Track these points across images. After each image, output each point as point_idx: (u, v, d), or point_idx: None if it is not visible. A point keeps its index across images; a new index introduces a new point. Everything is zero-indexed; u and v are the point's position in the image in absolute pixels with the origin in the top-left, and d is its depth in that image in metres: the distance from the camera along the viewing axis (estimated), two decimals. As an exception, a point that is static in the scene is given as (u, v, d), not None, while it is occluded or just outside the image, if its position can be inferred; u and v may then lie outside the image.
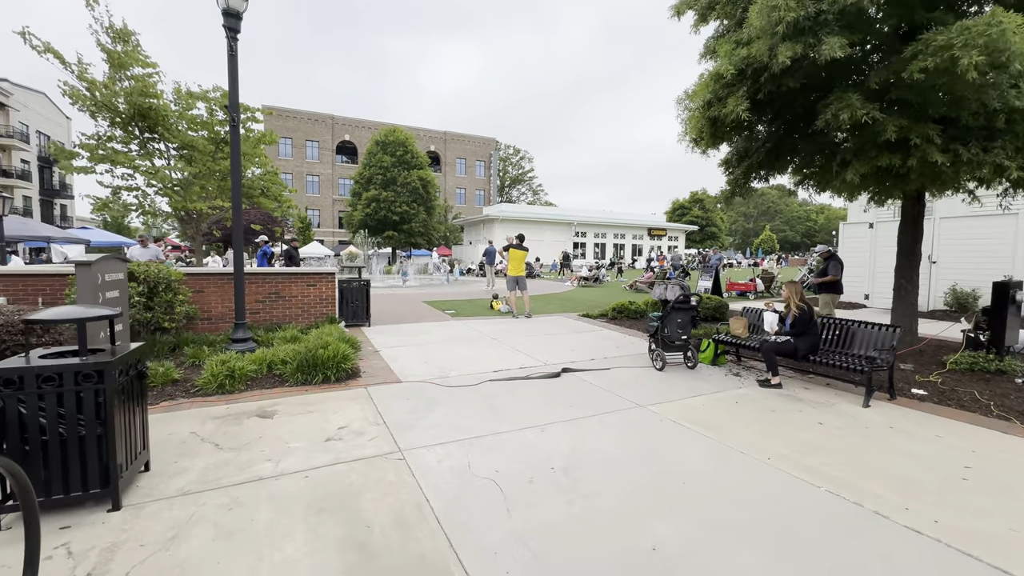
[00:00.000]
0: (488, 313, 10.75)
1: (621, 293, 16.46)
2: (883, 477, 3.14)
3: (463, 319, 9.76)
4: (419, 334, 8.01)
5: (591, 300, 13.81)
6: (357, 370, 5.58)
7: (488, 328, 8.70)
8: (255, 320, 7.66)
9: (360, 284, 8.46)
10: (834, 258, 7.63)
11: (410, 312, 10.58)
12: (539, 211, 43.73)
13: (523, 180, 77.78)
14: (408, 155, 35.47)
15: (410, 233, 35.75)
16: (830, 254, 7.75)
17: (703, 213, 51.92)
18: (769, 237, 59.81)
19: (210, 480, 3.00)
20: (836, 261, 7.56)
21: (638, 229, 44.16)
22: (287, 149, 54.23)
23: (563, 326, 9.18)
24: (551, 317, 10.35)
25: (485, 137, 64.40)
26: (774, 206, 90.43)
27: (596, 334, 8.35)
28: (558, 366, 5.94)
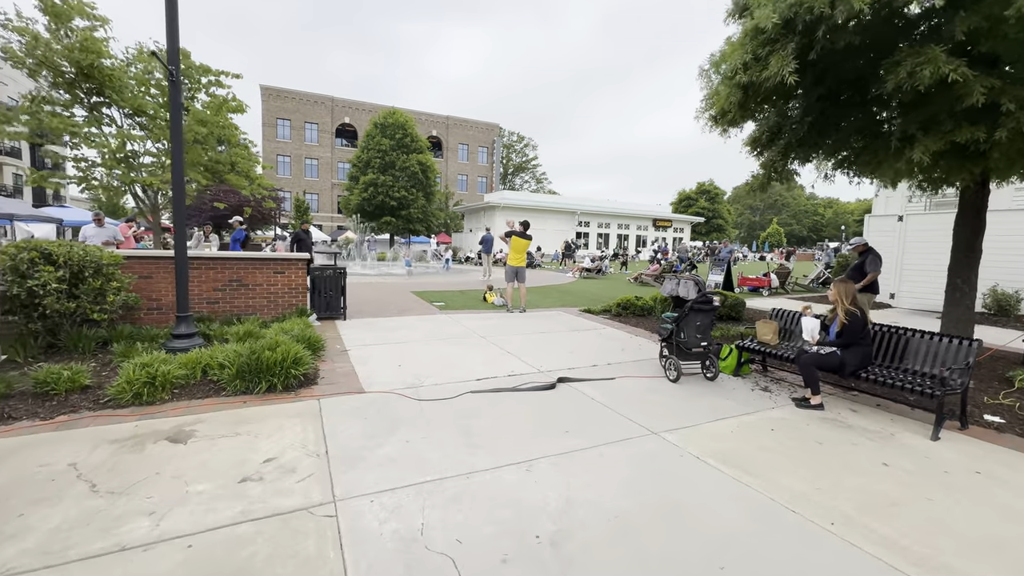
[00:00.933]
0: (480, 306, 9.85)
1: (625, 286, 15.53)
2: (997, 556, 2.25)
3: (452, 313, 8.86)
4: (399, 330, 7.12)
5: (593, 293, 12.90)
6: (314, 375, 4.70)
7: (478, 324, 7.80)
8: (214, 311, 6.77)
9: (335, 272, 7.55)
10: (872, 252, 6.67)
11: (394, 303, 9.68)
12: (542, 199, 42.62)
13: (527, 168, 76.44)
14: (408, 138, 34.31)
15: (408, 219, 34.72)
16: (866, 248, 6.79)
17: (710, 205, 50.69)
18: (776, 231, 58.62)
19: (52, 551, 2.12)
20: (875, 256, 6.59)
21: (643, 220, 43.06)
22: (285, 131, 53.02)
23: (562, 323, 8.28)
24: (549, 312, 9.45)
25: (488, 123, 62.98)
26: (781, 199, 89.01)
27: (598, 333, 7.45)
28: (553, 374, 5.05)
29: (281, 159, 53.00)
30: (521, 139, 75.01)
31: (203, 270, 6.73)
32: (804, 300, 12.36)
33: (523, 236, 9.26)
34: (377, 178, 33.19)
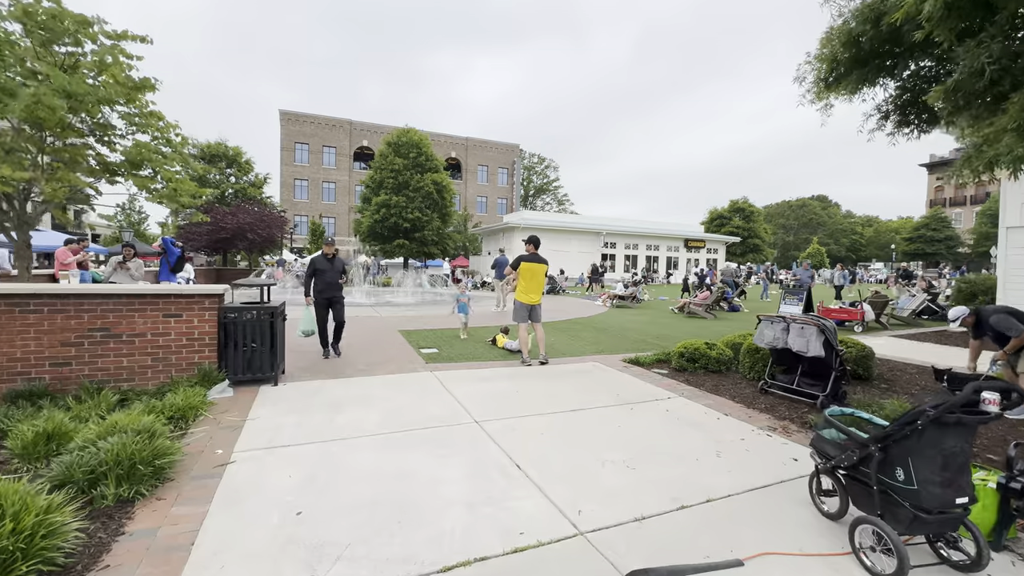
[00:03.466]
0: (487, 353, 7.22)
1: (670, 318, 12.68)
2: None
3: (442, 367, 6.24)
4: (348, 408, 4.52)
5: (635, 330, 10.12)
6: (69, 566, 2.12)
7: (475, 392, 5.15)
8: (60, 380, 4.34)
9: (261, 315, 5.04)
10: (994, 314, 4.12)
11: (366, 351, 7.12)
12: (564, 219, 40.19)
13: (548, 189, 74.62)
14: (422, 157, 32.56)
15: (423, 242, 32.68)
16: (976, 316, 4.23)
17: (744, 223, 47.26)
18: (817, 250, 54.51)
19: None
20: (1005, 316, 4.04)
21: (674, 240, 40.06)
22: (303, 155, 52.56)
23: (603, 386, 5.56)
24: (582, 364, 6.75)
25: (508, 143, 61.57)
26: (816, 218, 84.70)
27: (664, 411, 4.70)
28: (609, 544, 2.35)
29: (299, 183, 52.42)
30: (542, 160, 73.48)
31: (47, 314, 4.33)
32: (912, 337, 9.32)
33: (535, 259, 6.67)
34: (390, 199, 31.38)
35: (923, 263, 55.64)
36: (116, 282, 7.35)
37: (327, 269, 6.33)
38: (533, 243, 6.70)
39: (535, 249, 6.70)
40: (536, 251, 6.70)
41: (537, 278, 6.65)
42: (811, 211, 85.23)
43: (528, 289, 6.67)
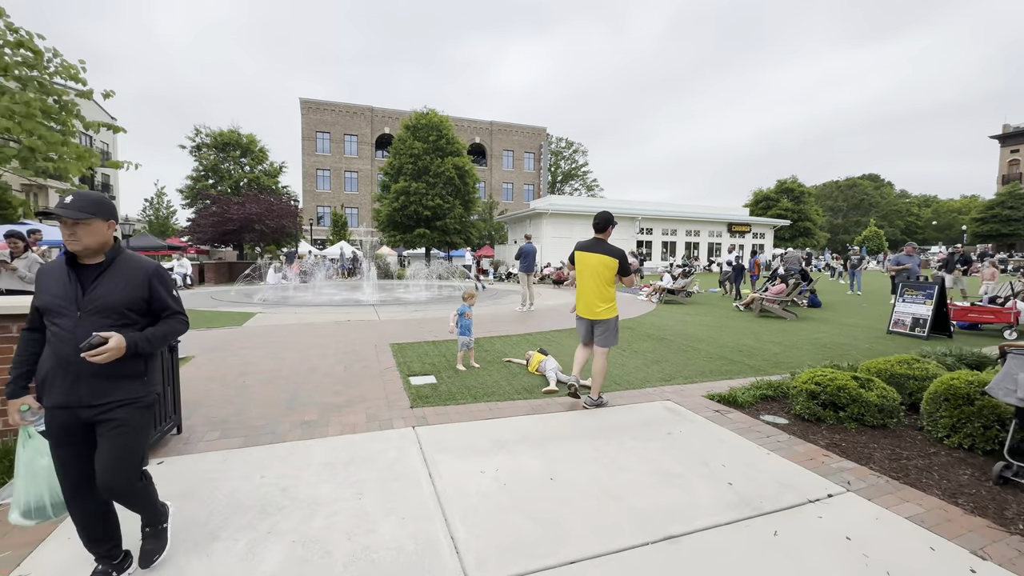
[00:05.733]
0: (505, 386, 5.01)
1: (739, 319, 10.14)
2: None
3: (433, 416, 4.07)
4: (228, 529, 2.40)
5: (703, 338, 7.69)
6: None
7: (475, 478, 2.97)
8: None
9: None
10: None
11: (328, 383, 5.02)
12: (596, 203, 37.39)
13: (576, 175, 71.42)
14: (443, 140, 30.36)
15: (444, 230, 30.65)
16: None
17: (794, 205, 43.16)
18: (875, 233, 49.61)
19: None
20: None
21: (716, 225, 36.70)
22: (325, 144, 51.32)
23: (695, 457, 3.27)
24: (647, 405, 4.44)
25: (534, 127, 58.78)
26: (868, 199, 78.34)
27: (835, 532, 2.37)
28: None
29: (320, 173, 51.30)
30: (570, 145, 70.24)
31: None
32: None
33: (590, 247, 4.35)
34: (409, 185, 29.41)
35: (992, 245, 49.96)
36: (1, 287, 5.49)
37: (64, 312, 1.85)
38: (596, 226, 4.40)
39: (600, 233, 4.36)
40: (601, 236, 4.36)
41: (589, 277, 4.34)
42: (862, 191, 78.97)
43: (579, 293, 4.41)
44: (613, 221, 4.37)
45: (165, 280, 2.06)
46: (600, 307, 4.28)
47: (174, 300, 2.08)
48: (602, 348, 4.30)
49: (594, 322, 4.32)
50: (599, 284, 4.28)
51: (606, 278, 4.28)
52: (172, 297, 2.08)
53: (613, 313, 4.26)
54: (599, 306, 4.28)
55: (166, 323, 2.05)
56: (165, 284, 2.05)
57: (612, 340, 4.29)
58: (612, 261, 4.26)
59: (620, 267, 4.25)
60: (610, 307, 4.26)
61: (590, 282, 4.31)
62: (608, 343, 4.29)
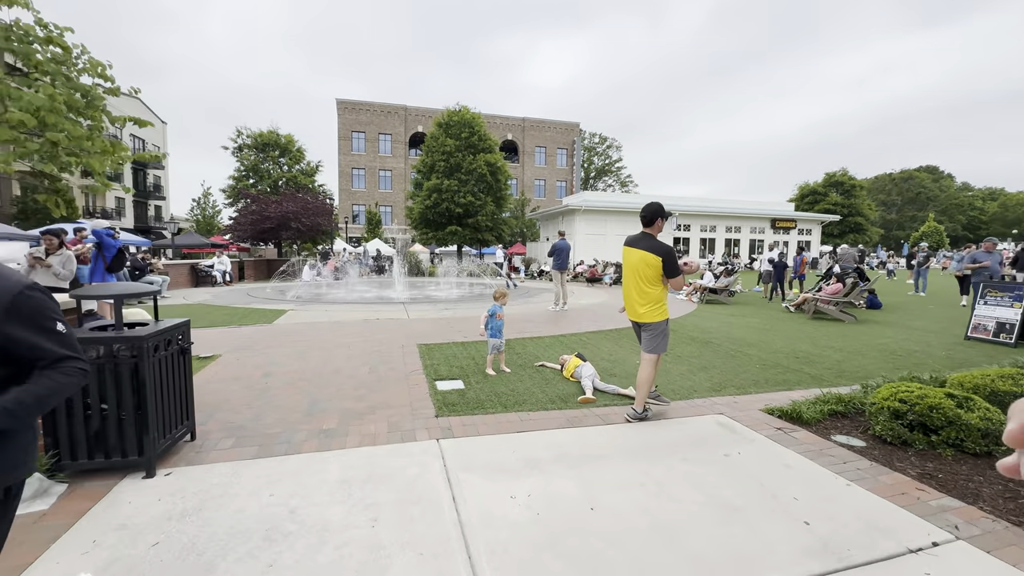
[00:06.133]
0: (538, 393, 4.64)
1: (791, 321, 9.40)
2: None
3: (460, 427, 3.75)
4: (235, 552, 2.13)
5: (753, 342, 7.08)
6: None
7: (505, 503, 2.62)
8: None
9: (117, 352, 2.73)
10: None
11: (351, 387, 4.78)
12: (631, 200, 36.39)
13: (610, 171, 70.06)
14: (475, 137, 30.19)
15: (476, 228, 30.52)
16: None
17: (844, 199, 40.71)
18: (934, 229, 46.25)
19: None
20: None
21: (758, 220, 35.04)
22: (360, 144, 52.18)
23: (761, 487, 2.80)
24: (698, 419, 3.98)
25: (567, 122, 57.94)
26: (925, 192, 73.34)
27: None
28: None
29: (356, 172, 52.23)
30: (603, 140, 68.97)
31: None
32: None
33: (633, 243, 3.94)
34: (441, 183, 29.42)
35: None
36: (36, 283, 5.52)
37: None
38: (644, 219, 3.94)
39: (648, 227, 3.91)
40: (649, 230, 3.91)
41: (631, 275, 3.92)
42: (918, 184, 74.06)
43: (623, 292, 4.02)
44: (663, 213, 3.90)
45: (34, 310, 1.25)
46: (642, 308, 3.85)
47: (56, 340, 1.28)
48: (648, 354, 3.86)
49: (640, 325, 3.91)
50: (640, 283, 3.86)
51: (647, 277, 3.83)
52: (52, 335, 1.28)
53: (659, 316, 3.81)
54: (641, 307, 3.85)
55: (44, 378, 1.25)
56: (33, 317, 1.25)
57: (659, 346, 3.84)
58: (654, 259, 3.81)
59: (665, 266, 3.79)
60: (655, 309, 3.81)
61: (631, 280, 3.91)
62: (654, 349, 3.84)
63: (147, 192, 48.04)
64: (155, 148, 49.90)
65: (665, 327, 3.84)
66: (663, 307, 3.82)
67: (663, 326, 3.83)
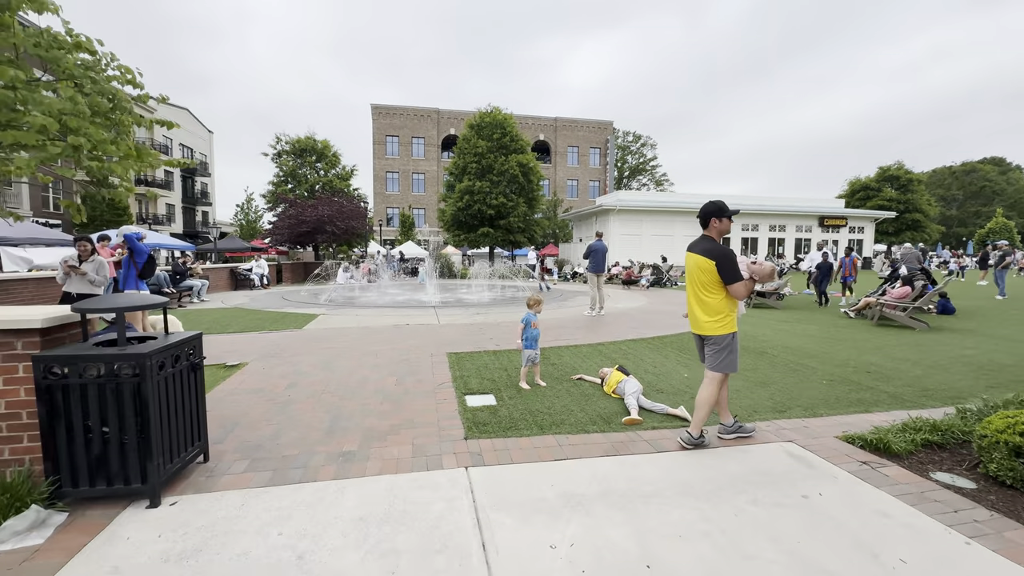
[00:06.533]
0: (578, 411, 4.23)
1: (852, 328, 8.58)
2: None
3: (492, 453, 3.37)
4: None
5: (814, 353, 6.40)
6: None
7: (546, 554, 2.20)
8: None
9: (118, 371, 2.50)
10: None
11: (375, 401, 4.50)
12: (667, 198, 35.31)
13: (644, 170, 68.46)
14: (507, 138, 29.92)
15: (508, 229, 30.22)
16: None
17: (900, 194, 38.09)
18: (1003, 225, 42.61)
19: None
20: None
21: (804, 218, 33.23)
22: (394, 148, 52.98)
23: (850, 539, 2.30)
24: (761, 448, 3.46)
25: (600, 121, 56.97)
26: (991, 185, 68.05)
27: None
28: None
29: (390, 176, 53.04)
30: (637, 139, 67.47)
31: None
32: None
33: (693, 247, 3.47)
34: (473, 184, 29.30)
35: None
36: (72, 291, 5.53)
37: None
38: (700, 220, 3.52)
39: (705, 229, 3.50)
40: (707, 232, 3.47)
41: (688, 282, 3.50)
42: (982, 177, 68.87)
43: (686, 300, 3.55)
44: (720, 213, 3.43)
45: None
46: (702, 319, 3.40)
47: None
48: (711, 372, 3.39)
49: (702, 338, 3.45)
50: (697, 290, 3.41)
51: (704, 283, 3.37)
52: None
53: (723, 328, 3.33)
54: (701, 317, 3.40)
55: None
56: None
57: (725, 363, 3.35)
58: (706, 263, 3.35)
59: (719, 271, 3.31)
60: (717, 321, 3.34)
61: (689, 288, 3.48)
62: (719, 366, 3.36)
63: (195, 198, 50.40)
64: (202, 156, 52.42)
65: (731, 342, 3.35)
66: (728, 318, 3.34)
67: (728, 340, 3.34)
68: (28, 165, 3.70)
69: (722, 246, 3.35)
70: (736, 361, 3.38)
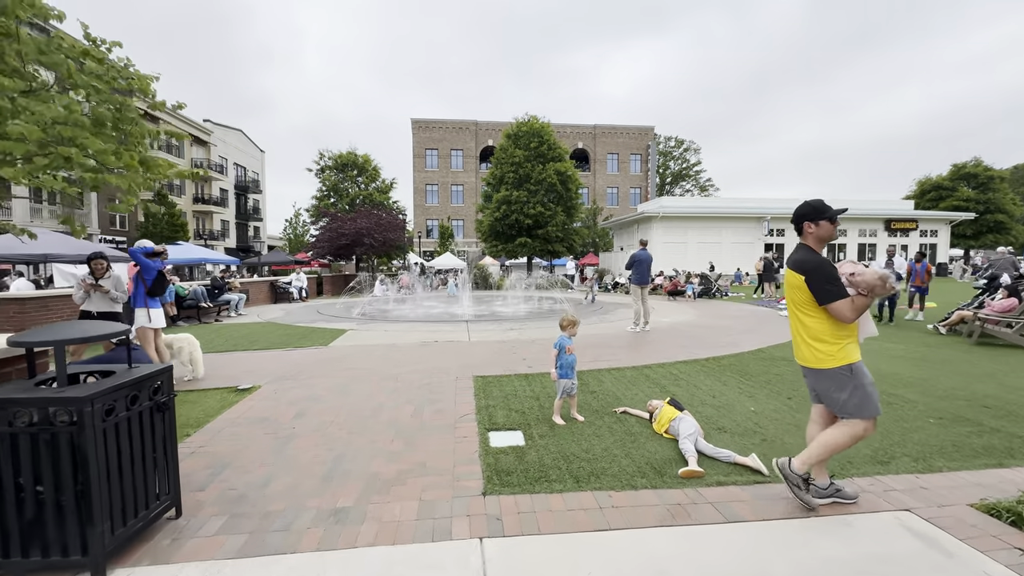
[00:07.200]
0: (622, 457, 3.54)
1: (941, 344, 7.34)
2: None
3: (516, 518, 2.72)
4: None
5: (914, 382, 5.35)
6: None
7: None
8: None
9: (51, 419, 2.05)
10: None
11: (385, 438, 3.96)
12: (714, 204, 33.61)
13: (687, 175, 66.20)
14: (544, 147, 29.44)
15: (546, 239, 29.58)
16: None
17: (978, 194, 34.57)
18: (1104, 226, 37.74)
19: None
20: None
21: (868, 222, 30.64)
22: (433, 160, 53.72)
23: None
24: (862, 517, 2.63)
25: (640, 127, 55.62)
26: (1083, 182, 61.09)
27: None
28: None
29: (429, 188, 53.75)
30: (680, 143, 65.42)
31: None
32: None
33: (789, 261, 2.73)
34: (510, 194, 28.93)
35: None
36: (92, 310, 5.35)
37: None
38: (793, 223, 2.80)
39: (803, 236, 2.75)
40: (805, 240, 2.73)
41: (787, 301, 2.78)
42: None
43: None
44: (815, 215, 2.69)
45: None
46: (803, 346, 2.69)
47: None
48: (844, 419, 2.60)
49: (808, 371, 2.72)
50: (795, 312, 2.72)
51: (799, 303, 2.67)
52: None
53: (832, 359, 2.56)
54: (801, 344, 2.70)
55: None
56: None
57: (858, 406, 2.53)
58: (796, 278, 2.63)
59: (810, 287, 2.56)
60: (822, 349, 2.59)
61: (788, 309, 2.78)
62: (853, 411, 2.54)
63: (247, 214, 52.88)
64: (255, 175, 55.08)
65: (849, 377, 2.54)
66: (837, 346, 2.55)
67: (841, 375, 2.55)
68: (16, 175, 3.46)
69: (816, 257, 2.60)
70: (874, 401, 2.54)
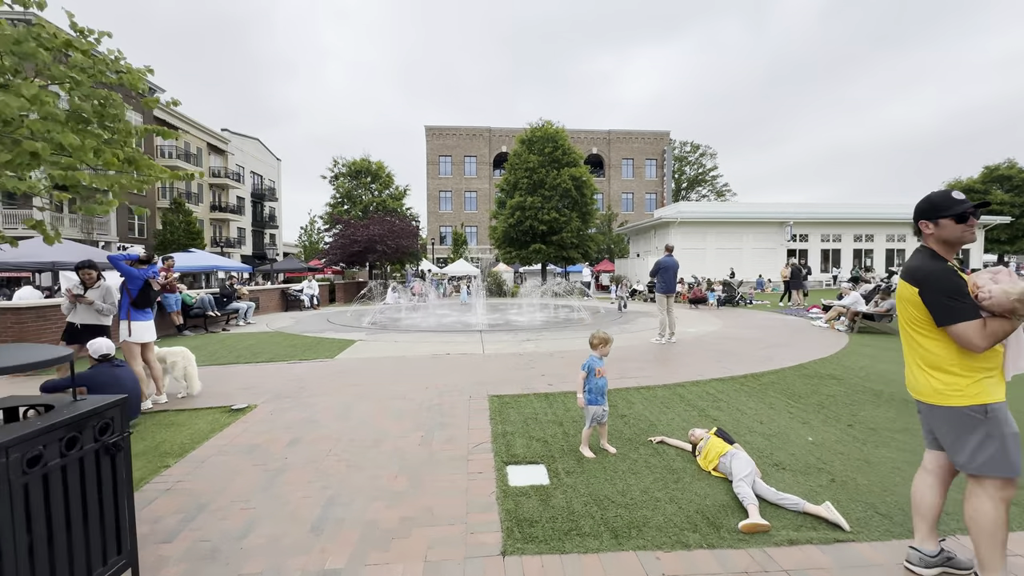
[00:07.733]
0: (665, 501, 3.00)
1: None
2: None
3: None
4: None
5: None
6: None
7: None
8: None
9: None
10: None
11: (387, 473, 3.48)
12: (733, 208, 32.72)
13: (704, 180, 65.23)
14: (558, 152, 28.99)
15: (561, 245, 29.05)
16: None
17: (1012, 197, 33.07)
18: None
19: None
20: None
21: (896, 226, 29.48)
22: (447, 167, 53.69)
23: None
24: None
25: (655, 132, 54.92)
26: (1124, 184, 58.41)
27: None
28: None
29: (443, 195, 53.69)
30: (696, 148, 64.57)
31: None
32: None
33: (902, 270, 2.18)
34: (524, 200, 28.48)
35: None
36: (76, 322, 4.99)
37: None
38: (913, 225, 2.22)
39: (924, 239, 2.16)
40: (926, 243, 2.14)
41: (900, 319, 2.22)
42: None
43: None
44: (934, 212, 2.08)
45: None
46: (919, 375, 2.13)
47: None
48: (976, 476, 2.00)
49: (924, 406, 2.17)
50: (909, 332, 2.17)
51: (912, 321, 2.13)
52: None
53: (958, 397, 2.00)
54: (916, 372, 2.15)
55: None
56: None
57: (989, 461, 1.94)
58: (909, 291, 2.09)
59: (926, 304, 2.01)
60: (945, 382, 2.03)
61: (901, 329, 2.24)
62: (981, 466, 1.95)
63: (263, 222, 53.34)
64: (271, 183, 55.64)
65: (984, 421, 1.95)
66: (969, 380, 1.97)
67: (972, 418, 1.97)
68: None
69: (935, 265, 2.04)
70: (1014, 457, 1.93)
